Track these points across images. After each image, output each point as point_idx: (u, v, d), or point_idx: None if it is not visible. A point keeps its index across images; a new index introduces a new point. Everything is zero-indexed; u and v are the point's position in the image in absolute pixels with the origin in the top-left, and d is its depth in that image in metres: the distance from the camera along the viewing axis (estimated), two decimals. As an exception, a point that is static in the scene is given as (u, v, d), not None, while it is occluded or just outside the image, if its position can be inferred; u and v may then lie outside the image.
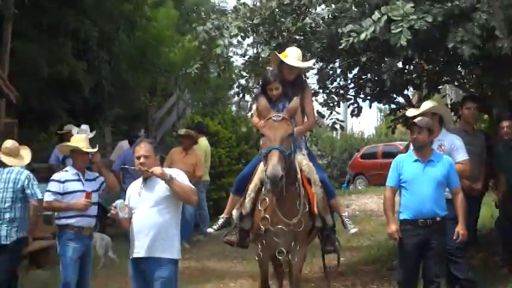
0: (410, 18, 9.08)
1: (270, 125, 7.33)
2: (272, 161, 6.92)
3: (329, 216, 8.19)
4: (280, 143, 7.13)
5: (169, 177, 7.12)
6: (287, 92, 8.12)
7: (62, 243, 9.15)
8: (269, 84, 8.17)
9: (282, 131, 7.24)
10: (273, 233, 7.61)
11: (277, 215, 7.49)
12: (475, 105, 10.41)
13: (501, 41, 8.99)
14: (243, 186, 8.18)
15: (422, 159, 8.28)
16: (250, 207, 7.83)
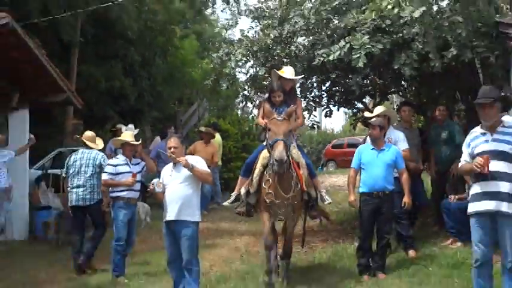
0: (366, 46, 9.14)
1: (275, 123, 7.61)
2: (279, 148, 7.21)
3: (313, 191, 8.30)
4: (284, 136, 7.44)
5: (191, 166, 7.32)
6: (286, 100, 8.33)
7: (115, 210, 9.33)
8: (273, 92, 8.41)
9: (284, 128, 7.56)
10: (276, 204, 7.84)
11: (279, 191, 7.69)
12: (409, 108, 10.60)
13: (434, 61, 9.19)
14: (249, 170, 8.27)
15: (376, 148, 8.50)
16: (257, 186, 7.94)
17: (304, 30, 10.79)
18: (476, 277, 6.25)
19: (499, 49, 9.34)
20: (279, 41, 11.09)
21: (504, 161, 5.96)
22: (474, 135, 6.31)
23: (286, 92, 8.52)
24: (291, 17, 10.83)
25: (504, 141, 6.02)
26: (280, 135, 7.42)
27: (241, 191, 8.33)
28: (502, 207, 5.89)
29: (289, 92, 8.63)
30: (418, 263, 8.68)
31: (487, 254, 6.11)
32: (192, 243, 7.42)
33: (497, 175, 5.94)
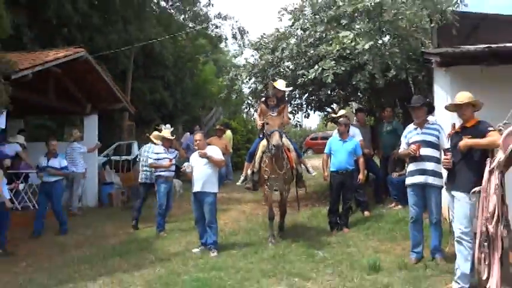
0: (333, 68, 9.23)
1: (271, 118, 7.43)
2: (276, 136, 7.12)
3: (300, 168, 8.39)
4: (278, 127, 7.31)
5: (208, 156, 7.44)
6: (278, 104, 8.14)
7: (158, 184, 9.31)
8: (269, 98, 8.41)
9: (278, 121, 7.39)
10: (272, 179, 7.73)
11: (274, 169, 7.61)
12: (363, 113, 10.81)
13: (378, 79, 9.30)
14: (252, 157, 8.21)
15: (342, 139, 8.48)
16: (258, 167, 7.87)
17: (289, 57, 10.79)
18: (412, 230, 6.40)
19: (425, 70, 9.41)
20: (271, 64, 11.08)
21: (430, 147, 6.14)
22: (408, 130, 6.48)
23: (278, 98, 8.47)
24: (279, 46, 10.84)
25: (429, 133, 6.20)
26: (276, 127, 7.29)
27: (248, 172, 8.27)
28: (429, 180, 6.11)
29: (281, 99, 8.55)
30: (371, 220, 8.66)
31: (419, 213, 6.28)
32: (212, 208, 7.41)
33: (425, 157, 6.13)
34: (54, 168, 9.62)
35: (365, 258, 6.43)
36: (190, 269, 6.52)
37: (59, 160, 9.75)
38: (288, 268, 6.28)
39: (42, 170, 9.61)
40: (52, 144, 9.82)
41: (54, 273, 6.72)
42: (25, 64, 9.25)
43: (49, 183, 9.58)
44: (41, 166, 9.63)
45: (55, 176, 9.64)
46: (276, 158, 7.55)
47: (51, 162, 9.64)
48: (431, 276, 5.68)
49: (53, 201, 9.57)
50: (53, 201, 9.57)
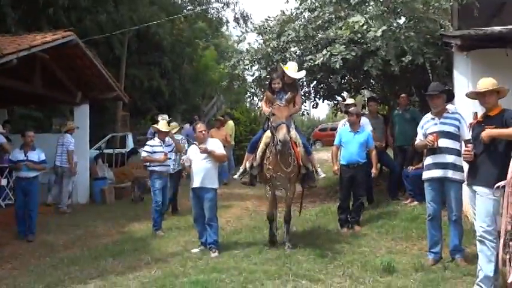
0: (342, 53, 9.11)
1: (278, 108, 6.89)
2: (283, 131, 6.52)
3: (310, 165, 7.65)
4: (286, 120, 6.76)
5: (208, 151, 7.42)
6: (285, 88, 7.53)
7: (152, 180, 9.28)
8: (273, 80, 7.77)
9: (286, 112, 6.89)
10: (275, 178, 7.20)
11: (278, 166, 7.05)
12: (375, 103, 10.78)
13: (393, 66, 9.21)
14: (254, 147, 7.57)
15: (353, 131, 8.45)
16: (259, 161, 7.30)
17: (295, 41, 10.73)
18: (429, 228, 6.34)
19: (444, 55, 9.36)
20: (277, 50, 11.03)
21: (449, 139, 6.07)
22: (426, 120, 6.42)
23: (288, 83, 7.71)
24: (285, 31, 10.77)
25: (448, 123, 6.12)
26: (283, 119, 6.72)
27: (246, 164, 7.69)
28: (448, 174, 6.03)
29: (291, 84, 7.76)
30: (384, 218, 8.64)
31: (437, 210, 6.24)
32: (212, 205, 7.39)
33: (444, 150, 6.06)
34: (33, 162, 9.28)
35: (378, 259, 6.38)
36: (189, 270, 6.49)
37: (37, 153, 9.41)
38: (294, 269, 6.24)
39: (17, 164, 9.21)
40: (29, 135, 9.44)
41: (42, 276, 6.70)
42: (9, 49, 9.20)
43: (27, 179, 9.20)
44: (18, 160, 9.21)
45: (34, 170, 9.33)
46: (281, 154, 7.01)
47: (30, 156, 9.28)
48: (451, 278, 5.63)
49: (30, 199, 9.20)
50: (30, 200, 9.20)
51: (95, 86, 13.26)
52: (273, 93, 7.50)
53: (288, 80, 7.72)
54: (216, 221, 7.47)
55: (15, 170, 9.39)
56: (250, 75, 12.80)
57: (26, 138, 9.43)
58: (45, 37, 10.68)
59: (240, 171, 7.88)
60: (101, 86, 13.34)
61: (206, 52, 29.08)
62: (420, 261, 6.22)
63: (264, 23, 12.19)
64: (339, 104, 13.51)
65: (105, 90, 13.60)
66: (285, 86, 7.63)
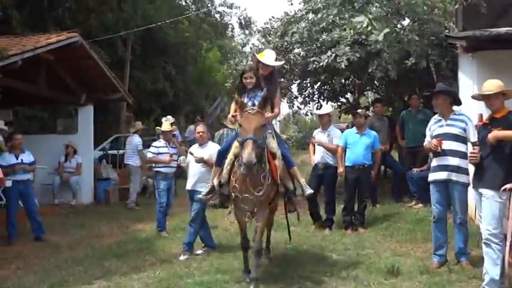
0: (347, 54, 9.08)
1: (246, 117, 5.41)
2: (247, 149, 5.11)
3: (290, 183, 6.09)
4: (254, 133, 5.26)
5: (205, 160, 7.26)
6: (260, 83, 6.07)
7: (156, 181, 9.26)
8: (244, 73, 6.11)
9: (256, 123, 5.35)
10: (241, 199, 5.68)
11: (246, 186, 5.52)
12: (380, 104, 10.77)
13: (391, 71, 9.36)
14: (222, 159, 6.04)
15: (359, 132, 8.49)
16: (227, 177, 5.81)
17: (299, 42, 10.69)
18: (434, 230, 6.29)
19: (449, 56, 9.30)
20: (280, 50, 10.98)
21: (454, 141, 6.03)
22: (433, 121, 6.39)
23: (265, 77, 6.30)
24: (289, 31, 10.75)
25: (454, 125, 6.07)
26: (251, 132, 5.27)
27: (214, 181, 6.10)
28: (452, 176, 6.00)
29: (268, 77, 6.35)
30: (389, 220, 8.61)
31: (442, 212, 6.20)
32: (200, 208, 7.33)
33: (448, 152, 6.02)
34: (27, 164, 9.25)
35: (383, 261, 6.35)
36: (194, 271, 6.47)
37: (28, 155, 9.35)
38: (298, 271, 6.21)
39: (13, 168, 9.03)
40: (17, 138, 9.32)
41: (46, 277, 6.67)
42: (14, 50, 9.21)
43: (24, 182, 9.15)
44: (10, 163, 9.02)
45: (28, 172, 9.30)
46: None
47: (24, 158, 9.22)
48: (456, 281, 5.58)
49: (29, 201, 9.21)
50: (29, 201, 9.21)
51: (99, 87, 13.27)
52: (244, 91, 6.12)
53: (264, 71, 6.30)
54: (197, 225, 7.44)
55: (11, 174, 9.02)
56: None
57: (14, 141, 9.29)
58: (49, 38, 10.70)
59: (207, 189, 6.26)
60: (105, 87, 13.35)
61: (210, 53, 29.09)
62: (425, 263, 6.18)
63: (267, 24, 12.18)
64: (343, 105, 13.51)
65: (109, 91, 13.60)
66: (260, 81, 6.17)
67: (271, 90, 6.04)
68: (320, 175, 8.51)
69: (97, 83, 13.08)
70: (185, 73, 24.94)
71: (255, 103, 5.73)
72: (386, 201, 9.67)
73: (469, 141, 5.93)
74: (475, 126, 5.60)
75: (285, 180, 5.98)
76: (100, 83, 13.10)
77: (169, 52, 23.49)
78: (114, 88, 13.41)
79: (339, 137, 8.55)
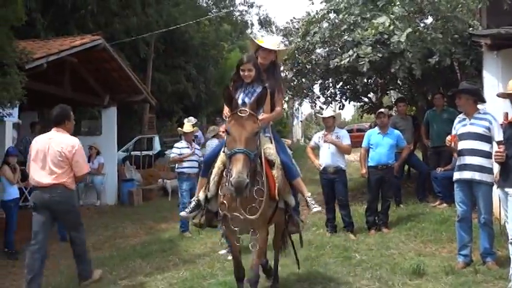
0: (369, 55, 9.03)
1: (236, 121, 4.20)
2: (237, 167, 3.94)
3: (291, 197, 4.97)
4: (246, 145, 4.09)
5: None
6: (261, 77, 4.94)
7: (179, 181, 9.40)
8: (242, 64, 4.91)
9: (248, 130, 4.16)
10: (230, 219, 4.50)
11: (236, 203, 4.32)
12: (404, 103, 10.69)
13: (416, 70, 9.15)
14: (208, 168, 4.94)
15: (383, 132, 8.43)
16: (215, 191, 4.71)
17: (321, 42, 10.66)
18: (458, 229, 6.22)
19: (473, 54, 9.19)
20: (302, 51, 10.97)
21: (477, 140, 5.95)
22: (458, 120, 6.33)
23: (265, 67, 5.17)
24: (311, 31, 10.72)
25: (477, 124, 6.00)
26: (241, 143, 4.09)
27: (199, 195, 5.02)
28: (476, 176, 5.92)
29: (269, 68, 5.23)
30: (413, 220, 8.51)
31: (466, 212, 6.10)
32: None
33: (472, 151, 5.96)
34: None
35: (407, 262, 6.31)
36: (217, 272, 6.50)
37: None
38: (322, 271, 6.20)
39: None
40: None
41: (71, 277, 6.77)
42: (39, 53, 9.37)
43: None
44: None
45: None
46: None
47: None
48: (482, 282, 5.51)
49: None
50: None
51: (123, 89, 13.42)
52: (241, 85, 4.97)
53: (265, 60, 5.20)
54: None
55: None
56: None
57: None
58: (73, 41, 10.87)
59: (192, 204, 5.10)
60: (128, 89, 13.50)
61: (231, 54, 29.21)
62: (450, 264, 6.10)
63: (289, 24, 12.20)
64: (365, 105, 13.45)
65: (132, 93, 13.75)
66: (261, 74, 5.01)
67: (272, 85, 4.98)
68: (331, 179, 8.27)
69: (120, 85, 13.23)
70: (206, 74, 25.09)
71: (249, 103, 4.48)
72: (410, 201, 9.59)
73: (493, 140, 5.86)
74: (501, 125, 5.53)
75: (285, 193, 4.84)
76: (123, 85, 13.25)
77: (191, 53, 23.66)
78: (137, 90, 13.55)
79: (347, 137, 8.43)
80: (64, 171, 6.07)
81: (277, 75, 5.41)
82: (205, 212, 5.00)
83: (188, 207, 5.08)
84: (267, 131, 5.06)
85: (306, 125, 37.98)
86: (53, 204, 6.03)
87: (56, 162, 6.03)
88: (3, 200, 8.38)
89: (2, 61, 7.60)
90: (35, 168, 6.10)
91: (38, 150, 6.11)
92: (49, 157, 6.02)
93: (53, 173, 6.02)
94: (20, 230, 8.60)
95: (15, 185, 8.53)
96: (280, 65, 5.59)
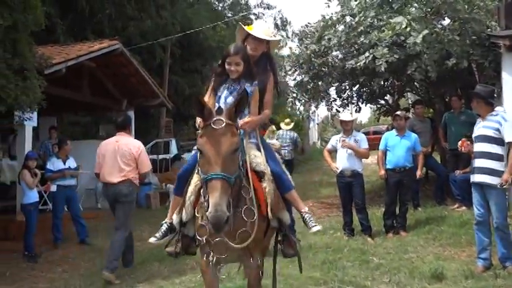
0: (386, 56, 8.99)
1: (210, 136, 3.27)
2: (214, 197, 3.06)
3: (285, 214, 4.05)
4: (224, 167, 3.17)
5: None
6: (252, 73, 4.03)
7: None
8: (229, 57, 3.97)
9: (225, 148, 3.23)
10: (213, 245, 3.62)
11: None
12: (421, 106, 10.53)
13: (431, 72, 9.05)
14: (183, 184, 4.01)
15: (399, 135, 8.40)
16: (191, 212, 3.80)
17: (337, 45, 10.62)
18: (476, 232, 6.18)
19: (491, 55, 9.12)
20: (318, 54, 10.92)
21: (487, 143, 5.96)
22: (476, 122, 6.31)
23: (255, 61, 4.24)
24: (326, 35, 10.68)
25: (488, 127, 5.99)
26: (218, 166, 3.18)
27: (173, 217, 4.09)
28: (486, 179, 5.91)
29: (261, 62, 4.32)
30: (432, 223, 8.44)
31: (483, 215, 6.07)
32: None
33: (482, 154, 5.98)
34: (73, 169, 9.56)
35: (426, 265, 6.26)
36: (234, 275, 6.48)
37: (72, 160, 9.62)
38: (340, 275, 6.16)
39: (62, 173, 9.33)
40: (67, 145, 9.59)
41: (91, 279, 6.83)
42: (58, 58, 9.46)
43: (71, 187, 9.51)
44: (59, 169, 9.30)
45: (74, 178, 9.68)
46: None
47: (70, 164, 9.50)
48: (503, 286, 5.46)
49: (73, 205, 9.49)
50: (73, 206, 9.50)
51: (140, 93, 13.50)
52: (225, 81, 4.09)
53: (255, 51, 4.26)
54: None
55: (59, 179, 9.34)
56: (292, 80, 12.79)
57: (66, 148, 9.56)
58: (91, 46, 10.97)
59: (163, 229, 4.22)
60: (146, 93, 13.57)
61: (248, 57, 29.27)
62: (470, 268, 6.05)
63: (304, 28, 12.18)
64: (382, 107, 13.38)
65: (149, 97, 13.82)
66: (249, 68, 4.05)
67: (262, 81, 4.15)
68: (348, 182, 8.20)
69: (138, 89, 13.31)
70: (223, 78, 25.19)
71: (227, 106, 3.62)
72: (428, 204, 9.51)
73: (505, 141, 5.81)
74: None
75: (278, 210, 3.94)
76: (141, 89, 13.33)
77: (207, 56, 23.71)
78: (154, 94, 13.63)
79: (365, 141, 8.38)
80: (131, 169, 7.02)
81: (271, 69, 4.37)
82: (181, 238, 4.09)
83: (158, 232, 4.17)
84: (253, 136, 4.14)
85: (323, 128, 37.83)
86: (120, 196, 6.94)
87: (125, 161, 6.98)
88: (23, 203, 8.50)
89: (22, 66, 7.69)
90: (106, 168, 7.04)
91: (108, 152, 7.08)
92: (119, 157, 6.97)
93: (122, 170, 6.96)
94: (40, 233, 8.72)
95: (35, 189, 8.64)
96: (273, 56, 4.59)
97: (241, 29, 4.37)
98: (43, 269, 7.72)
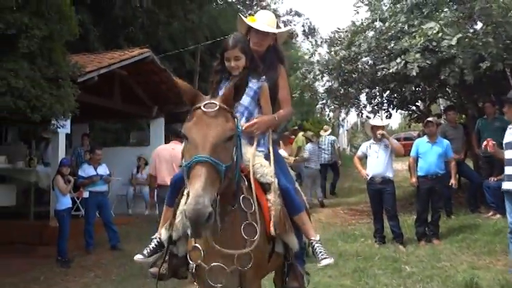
0: (418, 61, 8.87)
1: (199, 119, 2.69)
2: (195, 188, 2.34)
3: (293, 238, 3.23)
4: (212, 151, 2.49)
5: None
6: (257, 67, 3.43)
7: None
8: (226, 51, 3.38)
9: (217, 131, 2.58)
10: (207, 271, 2.88)
11: (213, 247, 2.76)
12: (453, 112, 10.36)
13: (468, 75, 8.95)
14: (175, 195, 3.20)
15: (431, 141, 8.31)
16: (183, 229, 2.96)
17: (367, 51, 10.55)
18: (510, 241, 6.09)
19: (526, 60, 8.93)
20: (348, 60, 10.87)
21: None
22: (507, 128, 6.20)
23: (261, 55, 3.62)
24: (356, 41, 10.62)
25: None
26: (206, 149, 2.49)
27: (162, 232, 3.30)
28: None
29: (268, 57, 3.66)
30: (465, 231, 8.31)
31: (516, 223, 5.93)
32: None
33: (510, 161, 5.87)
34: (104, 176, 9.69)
35: (460, 274, 6.16)
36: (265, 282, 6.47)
37: (104, 167, 9.78)
38: (371, 284, 6.12)
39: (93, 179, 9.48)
40: (98, 153, 9.74)
41: (123, 284, 6.91)
42: (90, 67, 9.62)
43: (102, 193, 9.64)
44: (90, 175, 9.47)
45: (106, 184, 9.82)
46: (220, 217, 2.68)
47: (101, 170, 9.64)
48: (539, 296, 5.34)
49: (104, 211, 9.63)
50: (105, 211, 9.65)
51: (171, 99, 13.59)
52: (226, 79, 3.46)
53: (260, 46, 3.64)
54: None
55: (91, 185, 9.50)
56: (321, 86, 12.74)
57: (96, 155, 9.72)
58: (123, 54, 11.11)
59: (152, 245, 3.41)
60: (176, 100, 13.65)
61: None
62: (505, 277, 5.94)
63: (333, 34, 12.13)
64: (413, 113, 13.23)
65: (179, 104, 13.88)
66: (253, 61, 3.45)
67: (271, 78, 3.55)
68: (378, 189, 8.16)
69: (168, 96, 13.41)
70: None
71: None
72: (461, 212, 9.39)
73: None
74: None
75: (284, 232, 3.17)
76: (171, 96, 13.42)
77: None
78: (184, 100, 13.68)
79: (396, 143, 8.50)
80: None
81: (280, 65, 3.70)
82: (168, 258, 3.24)
83: (146, 248, 3.40)
84: (263, 143, 3.44)
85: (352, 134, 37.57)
86: None
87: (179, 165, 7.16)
88: (56, 209, 8.66)
89: (56, 75, 7.85)
90: (162, 171, 7.84)
91: (164, 157, 7.92)
92: (174, 162, 7.51)
93: None
94: (72, 239, 8.85)
95: (68, 195, 8.80)
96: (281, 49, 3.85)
97: (242, 22, 3.67)
98: (76, 274, 7.83)
